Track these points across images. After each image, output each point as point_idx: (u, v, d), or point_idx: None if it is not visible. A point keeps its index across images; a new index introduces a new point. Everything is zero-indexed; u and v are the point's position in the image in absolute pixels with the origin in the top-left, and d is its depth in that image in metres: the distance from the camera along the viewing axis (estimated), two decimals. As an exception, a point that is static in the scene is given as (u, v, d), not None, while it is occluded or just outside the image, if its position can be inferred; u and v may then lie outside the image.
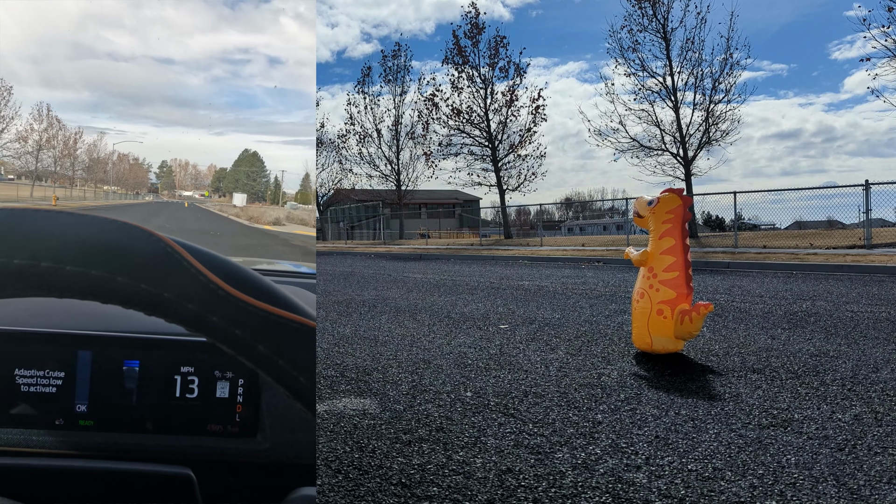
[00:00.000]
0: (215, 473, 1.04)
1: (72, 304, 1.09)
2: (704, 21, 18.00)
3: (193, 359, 1.06)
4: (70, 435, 0.99)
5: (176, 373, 1.05)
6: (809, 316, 4.62)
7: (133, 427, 1.03)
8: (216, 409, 1.07)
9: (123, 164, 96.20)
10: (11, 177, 60.41)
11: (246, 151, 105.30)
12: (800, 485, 1.70)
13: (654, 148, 19.22)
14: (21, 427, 0.98)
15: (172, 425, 1.04)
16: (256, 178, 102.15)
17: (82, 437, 0.99)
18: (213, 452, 1.04)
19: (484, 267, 11.40)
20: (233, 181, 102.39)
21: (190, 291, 0.50)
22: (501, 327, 4.41)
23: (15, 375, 0.99)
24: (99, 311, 1.10)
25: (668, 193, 3.35)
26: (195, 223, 27.29)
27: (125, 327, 1.07)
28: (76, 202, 47.68)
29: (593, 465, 1.87)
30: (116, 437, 1.01)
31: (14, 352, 1.00)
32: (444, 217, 47.51)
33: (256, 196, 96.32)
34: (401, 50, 30.47)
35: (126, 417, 1.03)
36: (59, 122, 61.05)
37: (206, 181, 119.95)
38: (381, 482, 1.78)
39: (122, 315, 1.06)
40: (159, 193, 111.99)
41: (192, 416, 1.06)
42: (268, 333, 0.52)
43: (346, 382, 2.93)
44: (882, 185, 12.22)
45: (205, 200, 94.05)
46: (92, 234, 0.48)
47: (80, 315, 1.09)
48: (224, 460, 1.05)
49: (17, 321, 1.04)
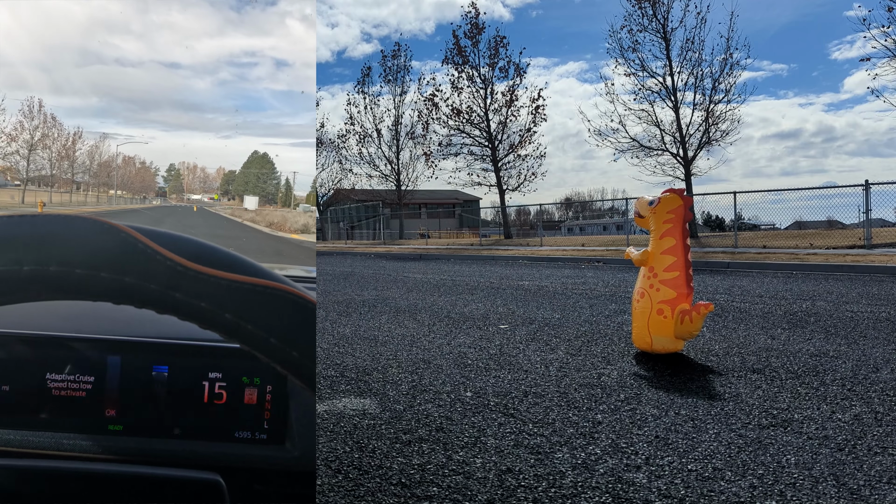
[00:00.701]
0: (244, 480, 1.04)
1: (102, 309, 1.10)
2: (704, 21, 18.01)
3: (222, 365, 1.07)
4: (99, 439, 1.00)
5: (204, 378, 1.06)
6: (809, 316, 4.62)
7: (161, 432, 1.03)
8: (244, 416, 1.07)
9: (129, 167, 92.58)
10: (17, 182, 55.10)
11: (255, 153, 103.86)
12: (800, 485, 1.70)
13: (654, 148, 19.22)
14: (51, 430, 0.99)
15: (200, 431, 1.05)
16: (267, 180, 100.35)
17: (112, 442, 1.00)
18: (241, 459, 1.04)
19: (484, 267, 11.40)
20: (242, 184, 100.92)
21: (151, 272, 0.51)
22: (501, 327, 4.41)
23: (46, 380, 1.01)
24: (129, 317, 1.11)
25: (669, 193, 3.35)
26: (205, 229, 25.64)
27: (155, 332, 1.08)
28: (73, 207, 45.03)
29: (593, 465, 1.87)
30: (145, 441, 1.02)
31: (45, 356, 1.02)
32: (444, 217, 47.53)
33: (267, 199, 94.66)
34: (401, 50, 30.51)
35: (155, 422, 1.03)
36: (54, 120, 54.44)
37: (215, 184, 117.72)
38: (381, 482, 1.78)
39: (153, 320, 1.07)
40: (167, 197, 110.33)
41: (220, 422, 1.06)
42: (234, 301, 0.53)
43: (346, 382, 2.93)
44: (882, 185, 12.23)
45: (214, 204, 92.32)
46: (49, 231, 0.50)
47: (110, 320, 1.10)
48: (253, 467, 1.04)
49: (47, 326, 1.05)
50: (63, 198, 58.10)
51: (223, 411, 1.06)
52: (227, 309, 0.53)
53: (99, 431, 1.01)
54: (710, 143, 18.36)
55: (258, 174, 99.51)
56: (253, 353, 0.55)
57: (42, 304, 1.08)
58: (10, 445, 0.96)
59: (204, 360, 1.06)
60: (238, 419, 1.07)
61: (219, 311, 0.53)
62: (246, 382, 1.07)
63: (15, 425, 0.99)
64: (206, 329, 0.54)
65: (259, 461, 1.05)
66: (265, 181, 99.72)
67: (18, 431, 0.98)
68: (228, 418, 1.06)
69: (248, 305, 0.53)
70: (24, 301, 0.50)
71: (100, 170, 70.94)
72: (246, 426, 1.07)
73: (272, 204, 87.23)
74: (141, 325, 1.09)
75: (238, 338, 0.54)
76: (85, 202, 61.34)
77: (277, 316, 0.54)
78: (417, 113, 28.69)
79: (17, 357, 1.01)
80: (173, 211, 53.48)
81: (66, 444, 0.98)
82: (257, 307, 0.54)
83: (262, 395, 1.08)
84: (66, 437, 0.99)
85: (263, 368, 1.08)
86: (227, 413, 1.06)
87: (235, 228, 29.53)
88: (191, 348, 1.07)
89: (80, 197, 66.79)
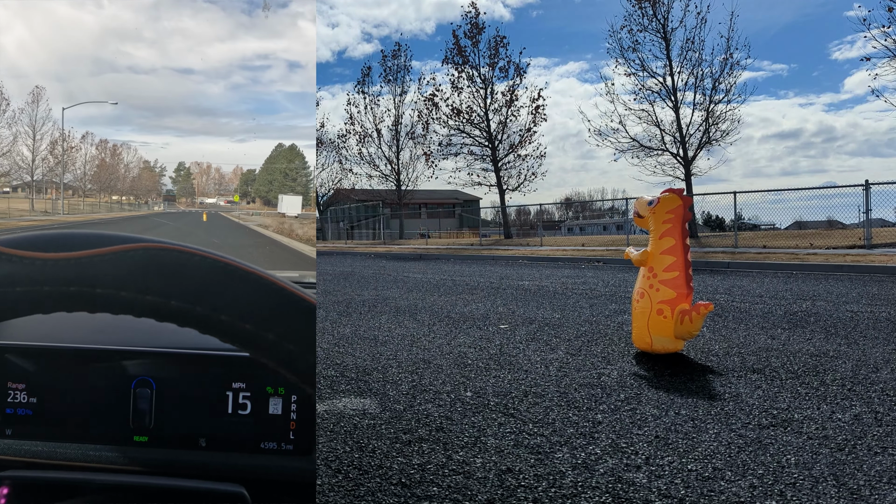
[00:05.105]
0: (269, 492, 1.03)
1: (125, 321, 1.11)
2: (704, 21, 18.02)
3: (245, 375, 1.06)
4: (125, 451, 1.00)
5: (228, 389, 1.05)
6: (809, 316, 4.62)
7: (186, 444, 1.03)
8: (269, 427, 1.06)
9: (129, 170, 78.75)
10: (7, 189, 49.33)
11: (280, 146, 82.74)
12: (800, 485, 1.70)
13: (654, 148, 19.23)
14: (78, 442, 1.00)
15: (225, 442, 1.04)
16: (296, 177, 78.51)
17: (137, 453, 1.00)
18: (266, 471, 1.03)
19: (484, 267, 11.40)
20: (265, 183, 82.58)
21: (176, 284, 0.53)
22: (501, 327, 4.41)
23: (72, 391, 1.02)
24: (152, 328, 1.11)
25: (669, 193, 3.35)
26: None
27: (178, 343, 1.08)
28: (34, 219, 33.68)
29: (593, 465, 1.87)
30: (169, 453, 1.02)
31: (71, 368, 1.03)
32: (444, 217, 47.49)
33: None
34: (401, 50, 30.51)
35: (179, 434, 1.03)
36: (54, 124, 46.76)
37: (231, 185, 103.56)
38: (381, 482, 1.78)
39: (175, 331, 1.07)
40: (176, 201, 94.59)
41: (244, 433, 1.05)
42: (236, 302, 0.54)
43: (346, 382, 2.93)
44: (882, 185, 12.23)
45: (233, 208, 72.93)
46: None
47: (133, 331, 1.11)
48: (278, 479, 1.04)
49: (73, 338, 1.06)
50: (42, 205, 47.65)
51: (248, 422, 1.05)
52: (224, 312, 0.53)
53: (125, 443, 1.02)
54: (710, 143, 18.36)
55: (285, 170, 79.63)
56: (257, 356, 0.55)
57: (68, 316, 1.09)
58: (37, 457, 0.98)
59: (228, 370, 1.06)
60: (263, 430, 1.06)
61: (215, 314, 0.53)
62: (270, 392, 1.06)
63: (42, 437, 1.00)
64: (205, 334, 0.55)
65: (285, 473, 1.04)
66: (294, 178, 78.57)
67: (46, 443, 0.99)
68: (253, 429, 1.05)
69: (251, 309, 0.54)
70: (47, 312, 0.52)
71: (98, 172, 64.43)
72: (271, 437, 1.06)
73: (305, 206, 59.32)
74: (164, 337, 1.10)
75: (241, 340, 0.54)
76: (80, 208, 52.53)
77: (278, 315, 0.54)
78: (417, 113, 28.72)
79: (44, 369, 1.02)
80: (161, 222, 33.29)
81: (93, 455, 0.99)
82: (260, 308, 0.54)
83: (287, 405, 1.07)
84: (93, 449, 1.00)
85: (284, 379, 1.07)
86: (251, 424, 1.05)
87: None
88: (214, 358, 1.06)
89: (74, 202, 57.33)
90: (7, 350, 1.03)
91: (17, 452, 0.98)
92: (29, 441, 0.99)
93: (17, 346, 1.03)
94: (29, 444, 0.99)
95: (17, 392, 1.01)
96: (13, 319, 0.55)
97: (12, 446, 0.98)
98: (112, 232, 0.56)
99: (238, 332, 0.54)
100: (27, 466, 0.97)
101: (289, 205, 51.91)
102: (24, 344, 1.04)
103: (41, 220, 31.51)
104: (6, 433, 1.00)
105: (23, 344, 1.04)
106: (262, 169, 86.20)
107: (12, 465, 0.96)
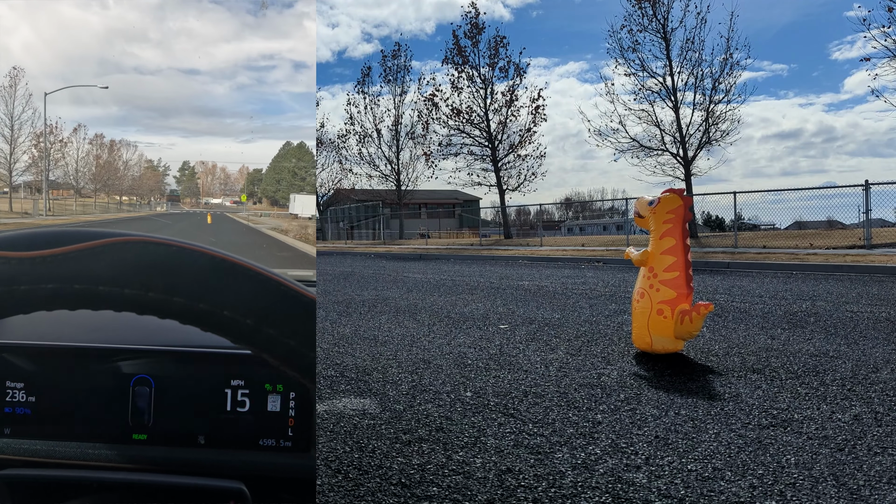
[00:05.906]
0: (269, 489, 1.04)
1: (127, 319, 1.11)
2: (704, 21, 18.01)
3: (244, 372, 1.06)
4: (124, 449, 1.01)
5: (226, 386, 1.05)
6: (809, 316, 4.62)
7: (185, 441, 1.03)
8: (268, 424, 1.06)
9: (128, 168, 74.22)
10: (6, 190, 45.11)
11: (288, 144, 79.72)
12: (800, 485, 1.70)
13: (654, 148, 19.22)
14: (77, 441, 1.00)
15: (224, 439, 1.04)
16: (306, 175, 74.08)
17: (136, 451, 1.01)
18: (265, 468, 1.03)
19: (484, 267, 11.40)
20: (273, 182, 79.35)
21: (175, 281, 0.53)
22: (501, 327, 4.41)
23: (71, 390, 1.02)
24: (150, 326, 1.11)
25: (669, 193, 3.35)
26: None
27: (176, 341, 1.08)
28: (8, 221, 30.07)
29: (593, 465, 1.87)
30: (168, 451, 1.02)
31: (70, 367, 1.02)
32: (444, 217, 47.49)
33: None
34: (401, 50, 30.51)
35: (178, 431, 1.03)
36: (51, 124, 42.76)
37: (237, 185, 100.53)
38: (381, 482, 1.78)
39: (175, 329, 1.07)
40: (180, 202, 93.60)
41: (243, 430, 1.05)
42: (238, 300, 0.54)
43: (346, 382, 2.93)
44: (882, 185, 12.23)
45: (240, 208, 69.01)
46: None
47: (133, 329, 1.11)
48: (278, 476, 1.04)
49: (71, 337, 1.06)
50: (31, 206, 43.90)
51: (246, 419, 1.05)
52: (226, 306, 0.53)
53: (124, 441, 1.02)
54: (710, 143, 18.36)
55: (293, 168, 76.01)
56: (258, 353, 0.55)
57: (65, 315, 1.09)
58: (36, 455, 0.98)
59: (226, 367, 1.06)
60: (262, 427, 1.06)
61: (217, 311, 0.53)
62: (269, 389, 1.06)
63: (41, 436, 1.00)
64: (207, 331, 0.55)
65: (284, 470, 1.04)
66: (303, 177, 74.35)
67: (45, 442, 0.99)
68: (252, 426, 1.05)
69: (252, 304, 0.54)
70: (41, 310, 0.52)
71: (98, 172, 61.60)
72: (270, 434, 1.06)
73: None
74: (161, 334, 1.10)
75: (242, 337, 0.55)
76: (74, 209, 49.38)
77: (279, 311, 0.55)
78: (417, 113, 28.73)
79: (43, 368, 1.02)
80: (161, 224, 32.36)
81: (92, 453, 0.99)
82: (261, 303, 0.54)
83: (286, 402, 1.07)
84: (92, 447, 1.00)
85: (285, 376, 1.07)
86: (250, 421, 1.06)
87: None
88: (213, 356, 1.06)
89: (66, 202, 54.31)
90: (5, 349, 1.03)
91: (17, 451, 0.98)
92: (28, 440, 0.99)
93: (16, 346, 1.03)
94: (28, 442, 0.99)
95: (16, 391, 1.01)
96: (12, 318, 0.55)
97: (11, 445, 0.98)
98: (98, 229, 0.56)
99: (240, 329, 0.54)
100: (26, 465, 0.97)
101: (302, 205, 48.35)
102: (22, 343, 1.04)
103: (15, 224, 27.61)
104: (5, 432, 1.00)
105: (21, 343, 1.04)
106: (270, 168, 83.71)
107: (11, 465, 0.96)
